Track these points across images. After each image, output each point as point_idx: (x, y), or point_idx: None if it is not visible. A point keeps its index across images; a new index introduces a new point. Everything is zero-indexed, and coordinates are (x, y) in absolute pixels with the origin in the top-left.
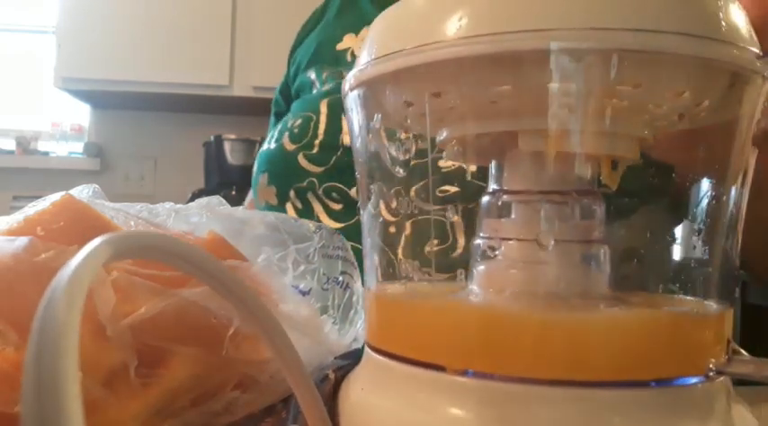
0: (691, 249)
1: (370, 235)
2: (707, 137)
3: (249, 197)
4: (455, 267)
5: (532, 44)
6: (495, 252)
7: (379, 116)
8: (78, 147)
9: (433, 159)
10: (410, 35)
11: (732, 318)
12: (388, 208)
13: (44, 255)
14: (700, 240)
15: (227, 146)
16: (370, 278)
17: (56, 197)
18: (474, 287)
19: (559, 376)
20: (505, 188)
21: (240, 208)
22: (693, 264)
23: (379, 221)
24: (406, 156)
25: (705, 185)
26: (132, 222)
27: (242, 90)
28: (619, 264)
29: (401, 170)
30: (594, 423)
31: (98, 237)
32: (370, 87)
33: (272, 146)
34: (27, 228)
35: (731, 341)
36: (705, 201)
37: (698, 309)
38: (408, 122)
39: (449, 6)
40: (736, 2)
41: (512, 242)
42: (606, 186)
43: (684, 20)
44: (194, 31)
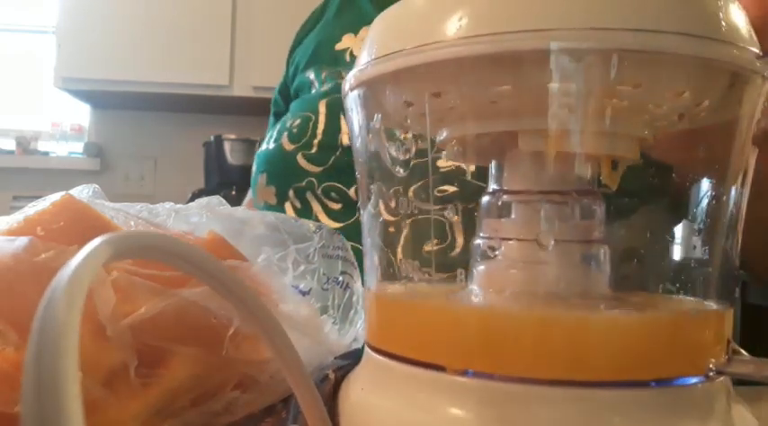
0: (691, 249)
1: (370, 235)
2: (707, 137)
3: (248, 197)
4: (454, 266)
5: (532, 44)
6: (495, 252)
7: (379, 116)
8: (78, 147)
9: (432, 159)
10: (410, 35)
11: (732, 318)
12: (387, 207)
13: (44, 255)
14: (700, 240)
15: (227, 146)
16: (370, 278)
17: (56, 197)
18: (474, 287)
19: (559, 376)
20: (505, 188)
21: (240, 208)
22: (693, 264)
23: (379, 221)
24: (406, 156)
25: (705, 185)
26: (132, 222)
27: (242, 90)
28: (619, 264)
29: (401, 170)
30: (594, 423)
31: (98, 237)
32: (370, 87)
33: (270, 146)
34: (27, 228)
35: (731, 341)
36: (705, 201)
37: (698, 309)
38: (408, 122)
39: (449, 6)
40: (736, 2)
41: (512, 242)
42: (606, 186)
43: (684, 20)
44: (194, 31)
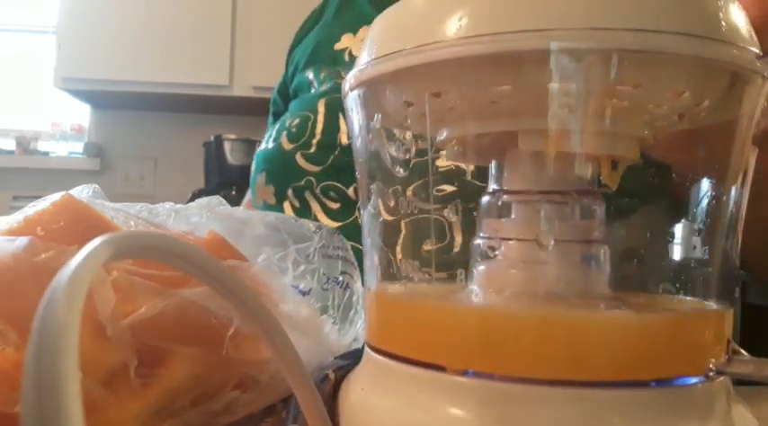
0: (691, 249)
1: (370, 235)
2: (707, 137)
3: (247, 197)
4: (453, 265)
5: (532, 44)
6: (495, 252)
7: (379, 116)
8: (78, 147)
9: (432, 159)
10: (410, 35)
11: (732, 318)
12: (387, 207)
13: (44, 255)
14: (700, 240)
15: (227, 146)
16: (370, 278)
17: (56, 197)
18: (474, 287)
19: (559, 376)
20: (505, 188)
21: (240, 208)
22: (693, 264)
23: (380, 221)
24: (406, 156)
25: (705, 185)
26: (132, 222)
27: (242, 90)
28: (619, 264)
29: (401, 170)
30: (594, 423)
31: (98, 237)
32: (370, 87)
33: (269, 145)
34: (27, 228)
35: (731, 341)
36: (705, 201)
37: (698, 309)
38: (408, 122)
39: (449, 6)
40: (736, 2)
41: (512, 242)
42: (606, 186)
43: (684, 20)
44: (194, 31)
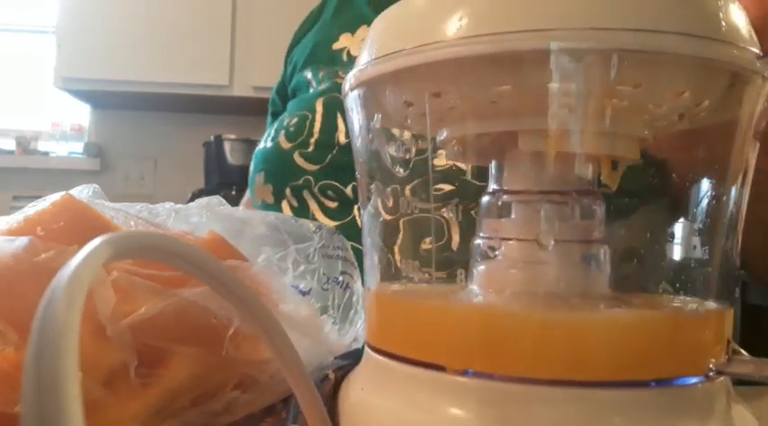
0: (691, 249)
1: (370, 235)
2: (707, 137)
3: (246, 196)
4: (453, 264)
5: (532, 44)
6: (495, 253)
7: (379, 116)
8: (78, 147)
9: (431, 158)
10: (410, 35)
11: (732, 318)
12: (387, 207)
13: (44, 255)
14: (700, 240)
15: (227, 146)
16: (370, 278)
17: (56, 197)
18: (474, 287)
19: (559, 376)
20: (505, 188)
21: (240, 207)
22: (693, 264)
23: (380, 221)
24: (407, 156)
25: (705, 185)
26: (132, 222)
27: (242, 90)
28: (619, 264)
29: (401, 169)
30: (594, 423)
31: (98, 237)
32: (370, 87)
33: (268, 144)
34: (27, 228)
35: (731, 341)
36: (705, 201)
37: (698, 309)
38: (408, 122)
39: (449, 6)
40: (736, 2)
41: (512, 242)
42: (606, 186)
43: (684, 20)
44: (194, 31)
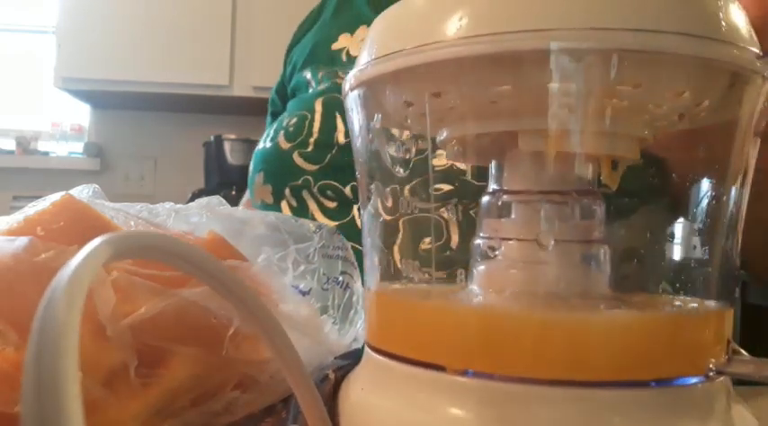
0: (691, 249)
1: (369, 235)
2: (707, 137)
3: (246, 196)
4: (452, 265)
5: (532, 44)
6: (495, 253)
7: (379, 116)
8: (78, 147)
9: (431, 158)
10: (410, 35)
11: (732, 318)
12: (387, 207)
13: (44, 255)
14: (700, 240)
15: (227, 146)
16: (370, 278)
17: (56, 197)
18: (474, 287)
19: (559, 376)
20: (505, 188)
21: (240, 208)
22: (693, 264)
23: (380, 221)
24: (407, 156)
25: (705, 185)
26: (132, 222)
27: (242, 90)
28: (619, 264)
29: (401, 169)
30: (594, 423)
31: (98, 237)
32: (370, 87)
33: (267, 144)
34: (27, 228)
35: (731, 341)
36: (705, 201)
37: (698, 309)
38: (408, 122)
39: (449, 6)
40: (736, 2)
41: (512, 242)
42: (606, 186)
43: (684, 20)
44: (194, 31)
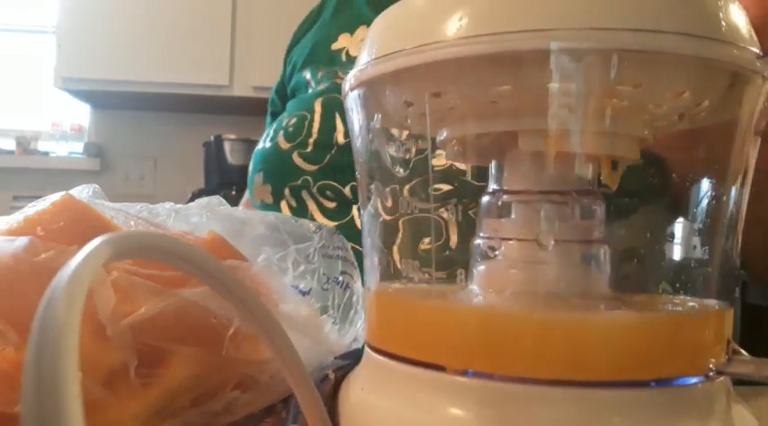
0: (691, 249)
1: (369, 235)
2: (707, 137)
3: (245, 197)
4: (452, 265)
5: (532, 44)
6: (495, 252)
7: (379, 116)
8: (78, 147)
9: (431, 158)
10: (410, 35)
11: (732, 318)
12: (387, 207)
13: (44, 255)
14: (700, 240)
15: (227, 146)
16: (369, 278)
17: (56, 197)
18: (474, 287)
19: (559, 376)
20: (505, 188)
21: (240, 208)
22: (693, 264)
23: (379, 221)
24: (407, 156)
25: (705, 185)
26: (132, 222)
27: (242, 90)
28: (619, 264)
29: (401, 169)
30: (594, 423)
31: (98, 237)
32: (370, 87)
33: (267, 144)
34: (27, 228)
35: (731, 341)
36: (705, 201)
37: (698, 309)
38: (408, 122)
39: (449, 6)
40: (736, 2)
41: (512, 242)
42: (606, 186)
43: (684, 20)
44: (194, 31)
